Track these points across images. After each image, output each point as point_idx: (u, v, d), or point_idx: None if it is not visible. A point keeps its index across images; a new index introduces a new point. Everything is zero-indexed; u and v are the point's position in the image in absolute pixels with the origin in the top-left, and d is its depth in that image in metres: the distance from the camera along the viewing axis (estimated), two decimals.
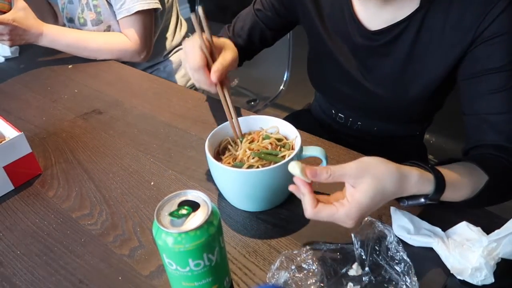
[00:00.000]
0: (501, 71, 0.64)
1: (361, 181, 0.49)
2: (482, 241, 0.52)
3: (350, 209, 0.49)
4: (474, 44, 0.66)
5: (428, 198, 0.53)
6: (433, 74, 0.73)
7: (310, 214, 0.50)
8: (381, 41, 0.75)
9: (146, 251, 0.61)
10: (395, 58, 0.76)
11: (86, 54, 1.24)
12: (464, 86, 0.70)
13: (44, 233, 0.66)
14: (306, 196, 0.50)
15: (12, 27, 1.12)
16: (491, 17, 0.63)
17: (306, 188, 0.50)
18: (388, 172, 0.50)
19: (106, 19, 1.28)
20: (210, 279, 0.48)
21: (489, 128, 0.65)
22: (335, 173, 0.49)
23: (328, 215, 0.50)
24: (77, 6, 1.31)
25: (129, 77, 1.16)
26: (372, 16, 0.75)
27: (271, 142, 0.66)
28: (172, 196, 0.47)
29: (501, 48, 0.64)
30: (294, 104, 1.91)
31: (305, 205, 0.50)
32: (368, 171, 0.49)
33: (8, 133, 0.78)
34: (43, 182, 0.77)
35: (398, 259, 0.53)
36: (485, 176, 0.58)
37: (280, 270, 0.54)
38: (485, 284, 0.51)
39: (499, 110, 0.65)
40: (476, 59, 0.67)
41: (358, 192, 0.49)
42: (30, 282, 0.58)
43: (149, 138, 0.87)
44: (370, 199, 0.48)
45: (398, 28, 0.72)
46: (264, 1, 0.90)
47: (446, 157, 0.63)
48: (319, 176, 0.49)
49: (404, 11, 0.71)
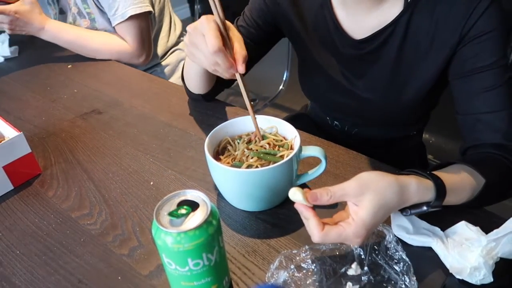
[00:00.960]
0: (490, 69, 0.64)
1: (363, 199, 0.48)
2: (481, 241, 0.53)
3: (357, 228, 0.48)
4: (462, 43, 0.66)
5: (431, 205, 0.53)
6: (424, 76, 0.73)
7: (318, 238, 0.48)
8: (368, 49, 0.75)
9: (146, 250, 0.61)
10: (383, 64, 0.75)
11: (85, 53, 1.25)
12: (456, 86, 0.70)
13: (44, 233, 0.66)
14: (311, 220, 0.49)
15: (14, 18, 1.14)
16: (476, 16, 0.63)
17: (309, 212, 0.49)
18: (387, 185, 0.50)
19: (101, 26, 1.28)
20: (209, 279, 0.48)
21: (484, 127, 0.65)
22: (336, 194, 0.49)
23: (336, 236, 0.48)
24: (68, 16, 1.31)
25: (129, 77, 1.16)
26: (356, 25, 0.75)
27: (269, 142, 0.66)
28: (172, 196, 0.47)
29: (488, 46, 0.64)
30: (293, 104, 1.91)
31: (311, 230, 0.49)
32: (368, 187, 0.49)
33: (8, 133, 0.78)
34: (43, 182, 0.77)
35: (397, 258, 0.53)
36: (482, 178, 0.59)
37: (279, 269, 0.54)
38: (484, 284, 0.51)
39: (492, 109, 0.65)
40: (464, 58, 0.67)
41: (362, 210, 0.48)
42: (30, 282, 0.58)
43: (148, 138, 0.87)
44: (374, 215, 0.48)
45: (384, 34, 0.72)
46: (246, 17, 0.87)
47: (445, 157, 0.63)
48: (320, 199, 0.49)
49: (388, 16, 0.71)
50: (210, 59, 0.63)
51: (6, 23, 1.15)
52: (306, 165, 0.72)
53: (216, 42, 0.60)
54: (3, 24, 1.15)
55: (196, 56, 0.66)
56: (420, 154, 1.00)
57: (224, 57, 0.61)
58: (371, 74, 0.78)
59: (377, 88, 0.79)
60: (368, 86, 0.79)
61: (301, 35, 0.83)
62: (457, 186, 0.56)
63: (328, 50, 0.81)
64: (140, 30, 1.22)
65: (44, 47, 1.31)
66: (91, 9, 1.26)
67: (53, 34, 1.22)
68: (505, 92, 0.64)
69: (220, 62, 0.62)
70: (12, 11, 1.13)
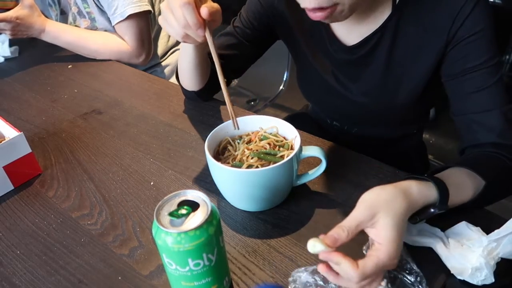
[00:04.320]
0: (480, 69, 0.64)
1: (377, 219, 0.48)
2: (482, 241, 0.52)
3: (387, 248, 0.47)
4: (450, 45, 0.67)
5: (437, 206, 0.53)
6: (415, 78, 0.73)
7: (357, 276, 0.45)
8: (360, 54, 0.75)
9: (146, 251, 0.61)
10: (375, 67, 0.76)
11: (85, 53, 1.25)
12: (449, 88, 0.70)
13: (44, 233, 0.66)
14: (343, 263, 0.46)
15: (15, 24, 1.14)
16: (462, 17, 0.64)
17: (337, 256, 0.46)
18: (392, 195, 0.50)
19: (101, 26, 1.29)
20: (209, 279, 0.48)
21: (479, 128, 0.66)
22: (351, 227, 0.47)
23: (373, 266, 0.46)
24: (68, 16, 1.32)
25: (129, 77, 1.16)
26: (348, 31, 0.75)
27: (270, 142, 0.66)
28: (172, 196, 0.47)
29: (477, 46, 0.64)
30: (293, 104, 1.91)
31: (348, 272, 0.46)
32: (376, 206, 0.48)
33: (8, 133, 0.77)
34: (43, 182, 0.77)
35: (408, 269, 0.52)
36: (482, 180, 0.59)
37: (306, 271, 0.53)
38: (485, 284, 0.51)
39: (485, 108, 0.65)
40: (454, 60, 0.67)
41: (382, 230, 0.47)
42: (30, 282, 0.58)
43: (149, 138, 0.87)
44: (396, 228, 0.47)
45: (374, 39, 0.72)
46: (242, 18, 0.87)
47: (445, 157, 0.63)
48: (340, 239, 0.47)
49: (378, 21, 0.71)
50: (178, 14, 0.59)
51: (8, 29, 1.16)
52: (306, 165, 0.72)
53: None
54: (5, 30, 1.16)
55: (167, 21, 0.62)
56: (420, 154, 1.00)
57: (193, 12, 0.58)
58: (364, 78, 0.78)
59: (370, 92, 0.79)
60: (362, 89, 0.80)
61: (296, 38, 0.83)
62: (457, 184, 0.56)
63: (322, 54, 0.81)
64: (140, 30, 1.22)
65: (44, 47, 1.31)
66: (91, 8, 1.26)
67: (53, 35, 1.22)
68: (496, 91, 0.65)
69: (188, 17, 0.58)
70: (14, 17, 1.14)
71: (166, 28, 0.64)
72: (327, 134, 0.98)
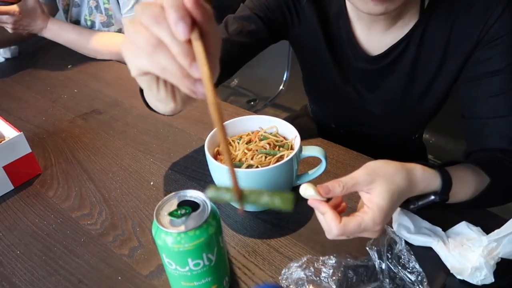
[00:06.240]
0: (502, 73, 0.64)
1: (375, 185, 0.48)
2: (482, 241, 0.52)
3: (374, 214, 0.47)
4: (477, 48, 0.66)
5: (438, 194, 0.53)
6: (441, 84, 0.72)
7: (337, 230, 0.46)
8: (383, 63, 0.74)
9: (146, 251, 0.61)
10: (397, 76, 0.74)
11: (86, 52, 1.25)
12: (464, 90, 0.69)
13: (44, 233, 0.66)
14: (328, 214, 0.47)
15: (17, 18, 1.14)
16: (492, 20, 0.63)
17: (325, 206, 0.48)
18: (395, 170, 0.50)
19: (118, 22, 1.29)
20: (209, 279, 0.48)
21: (491, 132, 0.65)
22: (348, 184, 0.48)
23: (356, 226, 0.47)
24: (84, 9, 1.31)
25: (129, 77, 1.14)
26: (373, 41, 0.73)
27: (270, 142, 0.66)
28: (172, 196, 0.47)
29: (501, 50, 0.64)
30: (293, 104, 1.91)
31: (329, 223, 0.47)
32: (377, 174, 0.49)
33: (8, 133, 0.77)
34: (43, 182, 0.77)
35: (411, 267, 0.52)
36: (487, 178, 0.58)
37: (297, 268, 0.53)
38: (485, 284, 0.51)
39: (500, 114, 0.64)
40: (477, 62, 0.66)
41: (376, 196, 0.48)
42: (30, 282, 0.58)
43: (148, 138, 0.87)
44: (389, 199, 0.48)
45: (398, 48, 0.71)
46: (247, 9, 0.77)
47: (445, 157, 0.63)
48: (333, 191, 0.48)
49: (405, 28, 0.70)
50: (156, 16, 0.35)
51: (10, 23, 1.15)
52: (306, 165, 0.72)
53: None
54: (7, 24, 1.16)
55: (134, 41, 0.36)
56: (420, 154, 1.00)
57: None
58: (383, 86, 0.77)
59: (389, 100, 0.78)
60: (380, 98, 0.78)
61: (320, 41, 0.78)
62: (462, 177, 0.56)
63: (342, 60, 0.78)
64: None
65: (44, 48, 1.32)
66: (111, 5, 1.26)
67: (54, 33, 1.22)
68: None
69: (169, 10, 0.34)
70: (16, 12, 1.13)
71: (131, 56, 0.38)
72: (327, 134, 0.98)
